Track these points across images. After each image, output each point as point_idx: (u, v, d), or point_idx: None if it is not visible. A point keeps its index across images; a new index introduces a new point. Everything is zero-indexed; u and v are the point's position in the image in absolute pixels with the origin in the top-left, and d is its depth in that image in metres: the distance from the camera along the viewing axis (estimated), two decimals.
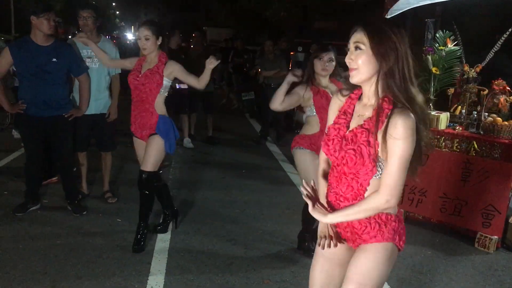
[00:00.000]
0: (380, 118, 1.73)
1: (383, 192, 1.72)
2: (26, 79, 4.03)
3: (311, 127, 3.57)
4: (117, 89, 4.62)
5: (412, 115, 1.68)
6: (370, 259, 1.83)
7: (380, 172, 1.77)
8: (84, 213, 4.32)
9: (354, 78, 1.79)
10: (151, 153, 3.63)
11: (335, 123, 1.91)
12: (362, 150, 1.75)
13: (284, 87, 3.43)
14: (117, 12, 43.43)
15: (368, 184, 1.79)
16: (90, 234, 3.93)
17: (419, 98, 1.73)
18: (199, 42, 7.82)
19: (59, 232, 3.92)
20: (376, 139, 1.73)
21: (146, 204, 3.78)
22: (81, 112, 4.28)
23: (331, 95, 3.42)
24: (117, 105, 4.62)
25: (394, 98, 1.72)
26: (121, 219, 4.29)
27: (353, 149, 1.77)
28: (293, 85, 3.48)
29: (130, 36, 33.12)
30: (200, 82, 3.64)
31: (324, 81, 3.57)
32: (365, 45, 1.73)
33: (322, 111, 3.41)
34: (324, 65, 3.49)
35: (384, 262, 1.84)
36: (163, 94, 3.65)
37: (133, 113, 3.70)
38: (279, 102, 3.43)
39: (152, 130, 3.63)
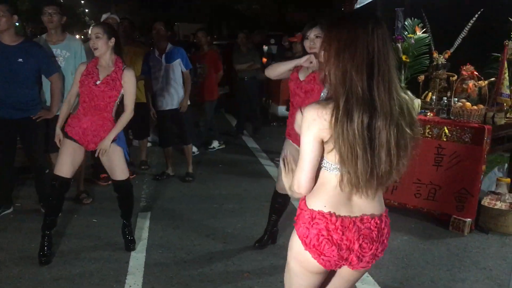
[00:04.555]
0: None
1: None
2: None
3: None
4: None
5: (312, 106, 1.63)
6: None
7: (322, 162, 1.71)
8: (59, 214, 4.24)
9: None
10: (119, 162, 3.49)
11: None
12: None
13: (289, 65, 3.26)
14: (86, 10, 42.57)
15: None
16: (66, 236, 3.87)
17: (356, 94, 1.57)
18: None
19: (34, 235, 3.83)
20: None
21: (130, 203, 3.72)
22: (52, 114, 4.15)
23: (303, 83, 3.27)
24: None
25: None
26: (96, 219, 4.23)
27: None
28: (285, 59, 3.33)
29: None
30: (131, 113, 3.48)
31: (316, 62, 3.21)
32: (323, 45, 1.70)
33: (294, 96, 3.30)
34: (310, 44, 3.17)
35: (289, 244, 1.81)
36: (118, 101, 3.47)
37: (83, 119, 3.40)
38: (276, 74, 3.34)
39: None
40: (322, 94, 3.02)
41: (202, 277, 3.28)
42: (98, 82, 3.36)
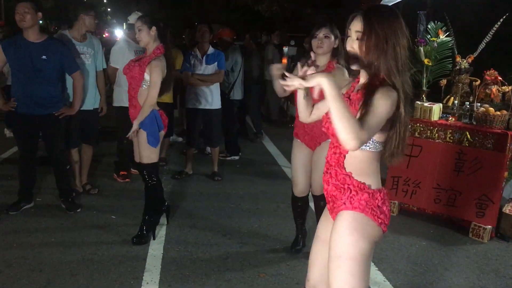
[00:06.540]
0: (366, 90, 1.77)
1: (361, 129, 1.66)
2: (17, 77, 4.00)
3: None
4: (103, 83, 4.72)
5: (395, 93, 1.72)
6: (337, 227, 1.85)
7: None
8: (79, 210, 4.31)
9: (355, 66, 1.82)
10: (140, 147, 3.66)
11: None
12: None
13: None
14: (109, 9, 43.09)
15: (347, 152, 1.83)
16: (85, 232, 3.92)
17: (408, 84, 1.78)
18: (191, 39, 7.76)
19: (54, 230, 3.90)
20: (357, 109, 1.76)
21: (154, 194, 3.80)
22: (74, 111, 4.23)
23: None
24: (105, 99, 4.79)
25: (387, 78, 1.74)
26: (115, 215, 4.27)
27: None
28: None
29: (120, 33, 32.75)
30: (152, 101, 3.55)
31: (321, 61, 3.32)
32: (365, 34, 1.73)
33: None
34: (318, 43, 3.26)
35: (350, 231, 1.81)
36: (146, 89, 3.52)
37: (130, 108, 3.70)
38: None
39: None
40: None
41: (218, 277, 3.29)
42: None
